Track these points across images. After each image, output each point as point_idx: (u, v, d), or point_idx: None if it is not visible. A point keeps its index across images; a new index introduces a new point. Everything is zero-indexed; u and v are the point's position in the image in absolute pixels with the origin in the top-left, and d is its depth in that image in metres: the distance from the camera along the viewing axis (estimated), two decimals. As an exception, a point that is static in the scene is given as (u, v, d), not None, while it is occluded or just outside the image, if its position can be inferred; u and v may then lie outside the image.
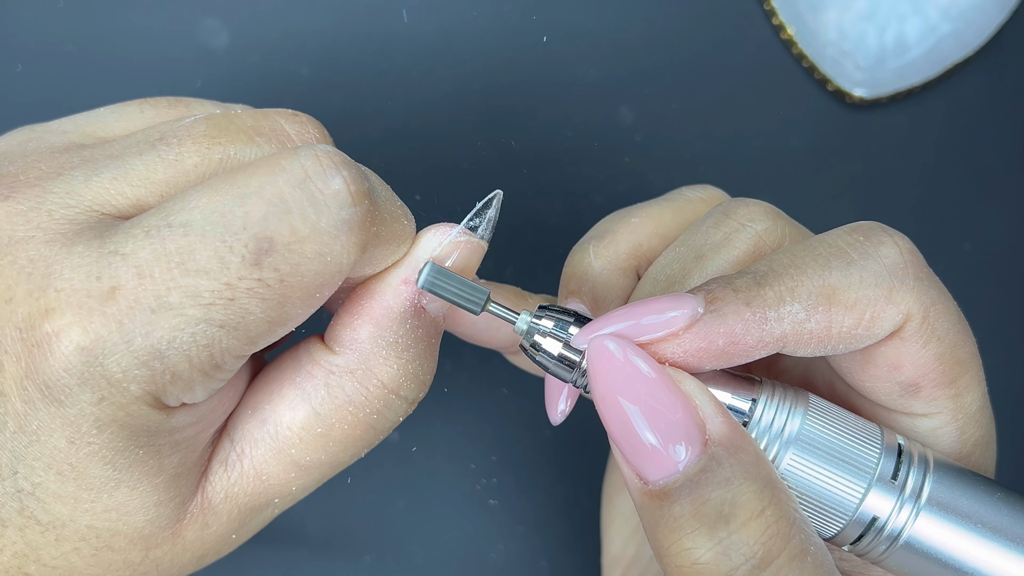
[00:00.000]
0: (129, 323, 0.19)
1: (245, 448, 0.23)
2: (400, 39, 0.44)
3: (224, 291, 0.20)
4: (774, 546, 0.20)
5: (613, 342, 0.22)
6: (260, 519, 0.25)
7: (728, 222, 0.26)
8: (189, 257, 0.20)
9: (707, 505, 0.20)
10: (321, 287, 0.21)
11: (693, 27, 0.46)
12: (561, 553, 0.42)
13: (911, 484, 0.22)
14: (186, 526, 0.23)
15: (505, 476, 0.42)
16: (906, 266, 0.23)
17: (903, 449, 0.23)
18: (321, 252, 0.20)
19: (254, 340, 0.21)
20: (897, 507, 0.22)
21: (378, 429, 0.24)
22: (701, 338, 0.22)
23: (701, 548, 0.20)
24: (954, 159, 0.47)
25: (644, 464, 0.21)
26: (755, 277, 0.22)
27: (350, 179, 0.21)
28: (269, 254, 0.20)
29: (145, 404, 0.20)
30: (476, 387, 0.42)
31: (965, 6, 0.45)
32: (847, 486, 0.22)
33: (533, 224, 0.43)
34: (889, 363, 0.23)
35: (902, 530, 0.22)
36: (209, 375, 0.21)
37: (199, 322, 0.20)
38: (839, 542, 0.23)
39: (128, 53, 0.42)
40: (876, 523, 0.22)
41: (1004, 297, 0.46)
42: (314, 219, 0.20)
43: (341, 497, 0.41)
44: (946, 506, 0.22)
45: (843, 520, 0.22)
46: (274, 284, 0.20)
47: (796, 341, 0.22)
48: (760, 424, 0.23)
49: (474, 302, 0.23)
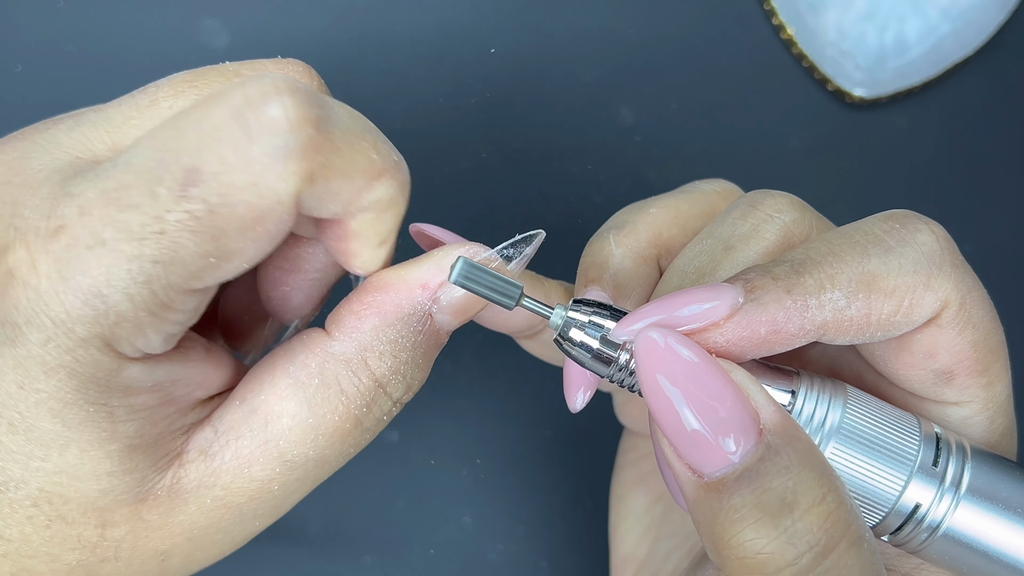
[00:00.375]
0: (67, 260, 0.19)
1: (230, 438, 0.23)
2: (400, 39, 0.44)
3: (154, 224, 0.19)
4: (836, 532, 0.20)
5: (660, 333, 0.21)
6: (237, 528, 0.24)
7: (756, 213, 0.26)
8: (124, 193, 0.19)
9: (768, 494, 0.20)
10: (260, 219, 0.20)
11: (693, 27, 0.46)
12: (561, 553, 0.42)
13: (951, 473, 0.22)
14: (148, 508, 0.22)
15: (505, 476, 0.42)
16: (943, 253, 0.23)
17: (940, 438, 0.23)
18: (253, 181, 0.19)
19: (196, 275, 0.20)
20: (938, 497, 0.22)
21: (364, 426, 0.24)
22: (743, 327, 0.22)
23: (765, 538, 0.20)
24: (954, 159, 0.47)
25: (698, 457, 0.21)
26: (793, 265, 0.22)
27: (291, 104, 0.20)
28: (196, 184, 0.19)
29: (94, 348, 0.20)
30: (476, 387, 0.42)
31: (965, 6, 0.45)
32: (888, 476, 0.22)
33: (533, 224, 0.43)
34: (925, 350, 0.23)
35: (942, 520, 0.22)
36: (157, 315, 0.20)
37: (132, 258, 0.19)
38: (878, 532, 0.23)
39: (128, 53, 0.42)
40: (916, 513, 0.22)
41: (1004, 297, 0.46)
42: (245, 147, 0.19)
43: (341, 497, 0.41)
44: (985, 494, 0.22)
45: (884, 510, 0.22)
46: (203, 216, 0.19)
47: (836, 328, 0.22)
48: (801, 416, 0.22)
49: (508, 296, 0.23)
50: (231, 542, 0.24)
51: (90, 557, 0.22)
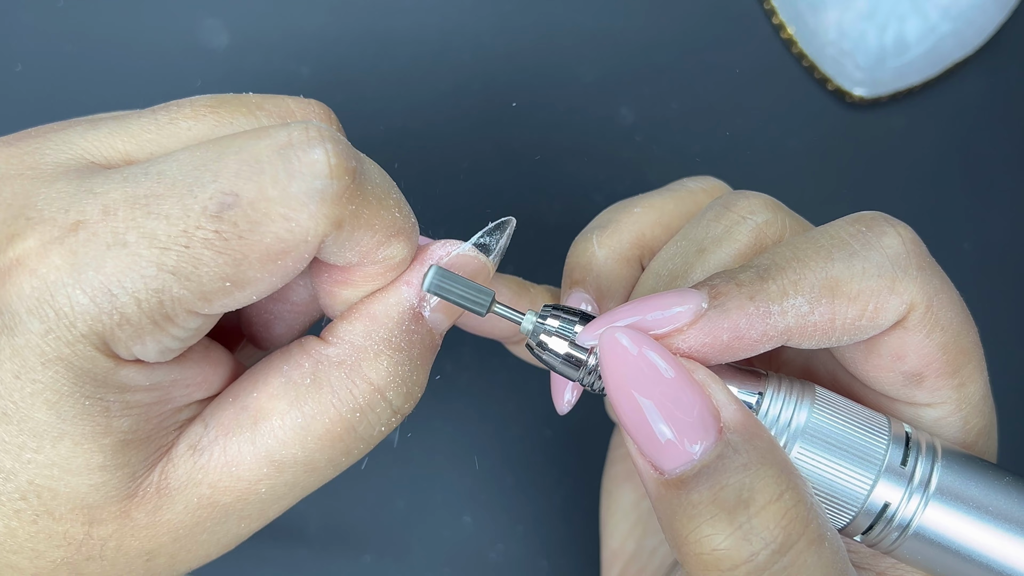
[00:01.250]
0: (83, 255, 0.20)
1: (219, 434, 0.23)
2: (400, 39, 0.44)
3: (180, 237, 0.20)
4: (794, 530, 0.20)
5: (625, 334, 0.22)
6: (223, 529, 0.23)
7: (729, 215, 0.26)
8: (155, 201, 0.20)
9: (725, 491, 0.20)
10: (283, 254, 0.20)
11: (693, 27, 0.46)
12: (561, 553, 0.42)
13: (920, 473, 0.22)
14: (136, 505, 0.22)
15: (505, 476, 0.42)
16: (909, 256, 0.23)
17: (911, 438, 0.23)
18: (286, 216, 0.20)
19: (207, 296, 0.20)
20: (906, 496, 0.22)
21: (359, 433, 0.23)
22: (706, 333, 0.22)
23: (721, 534, 0.20)
24: (954, 159, 0.47)
25: (659, 454, 0.21)
26: (758, 271, 0.22)
27: (332, 152, 0.21)
28: (232, 208, 0.20)
29: (92, 345, 0.20)
30: (476, 387, 0.42)
31: (965, 6, 0.45)
32: (856, 477, 0.22)
33: (533, 224, 0.43)
34: (893, 353, 0.24)
35: (912, 519, 0.22)
36: (160, 327, 0.20)
37: (151, 264, 0.20)
38: (850, 533, 0.23)
39: (128, 53, 0.42)
40: (886, 513, 0.22)
41: (1004, 297, 0.46)
42: (285, 183, 0.20)
43: (341, 497, 0.41)
44: (955, 494, 0.22)
45: (853, 511, 0.22)
46: (231, 238, 0.20)
47: (800, 334, 0.22)
48: (767, 417, 0.23)
49: (479, 303, 0.23)
50: (217, 544, 0.24)
51: (75, 555, 0.22)
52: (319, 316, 0.28)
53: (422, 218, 0.26)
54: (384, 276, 0.24)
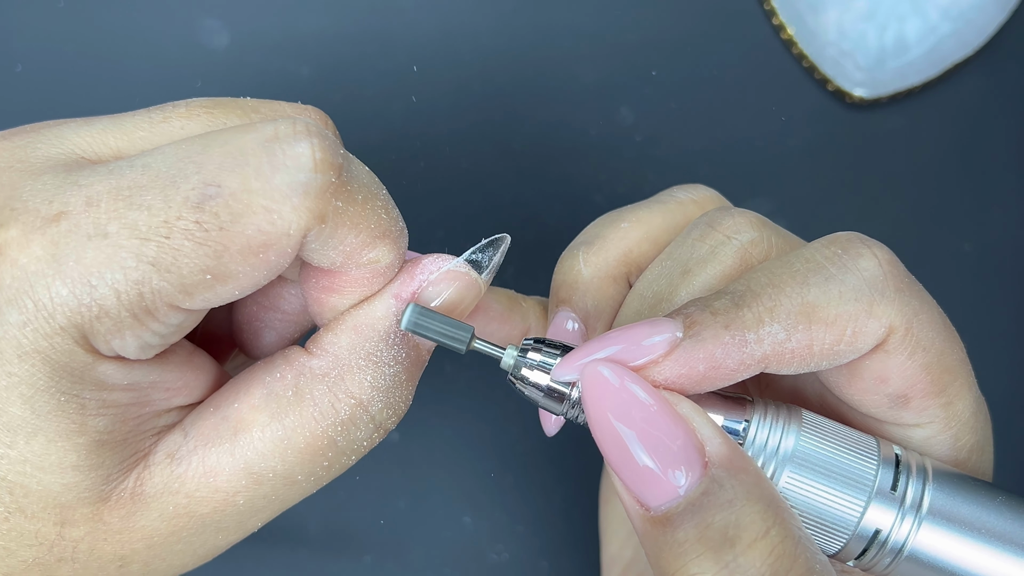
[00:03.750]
0: (64, 245, 0.19)
1: (198, 444, 0.22)
2: (400, 39, 0.44)
3: (161, 228, 0.19)
4: (780, 567, 0.20)
5: (607, 368, 0.21)
6: (199, 540, 0.23)
7: (714, 234, 0.26)
8: (138, 192, 0.20)
9: (711, 528, 0.20)
10: (265, 247, 0.20)
11: (693, 27, 0.46)
12: (561, 553, 0.42)
13: (911, 495, 0.22)
14: (109, 509, 0.21)
15: (505, 476, 0.42)
16: (886, 278, 0.23)
17: (900, 460, 0.23)
18: (269, 208, 0.20)
19: (188, 290, 0.20)
20: (899, 520, 0.22)
21: (340, 448, 0.23)
22: (681, 364, 0.22)
23: (707, 573, 0.20)
24: (954, 159, 0.47)
25: (644, 490, 0.21)
26: (733, 298, 0.22)
27: (318, 147, 0.21)
28: (214, 199, 0.20)
29: (71, 339, 0.20)
30: (476, 387, 0.42)
31: (965, 6, 0.45)
32: (846, 502, 0.22)
33: (533, 224, 0.43)
34: (876, 376, 0.23)
35: (905, 542, 0.22)
36: (140, 321, 0.20)
37: (131, 255, 0.19)
38: (843, 558, 0.23)
39: (128, 53, 0.42)
40: (879, 537, 0.22)
41: (1004, 297, 0.46)
42: (268, 175, 0.20)
43: (341, 497, 0.41)
44: (948, 515, 0.22)
45: (845, 536, 0.22)
46: (212, 230, 0.20)
47: (778, 361, 0.22)
48: (754, 445, 0.22)
49: (459, 340, 0.23)
50: (193, 554, 0.23)
51: (47, 556, 0.21)
52: (310, 326, 0.28)
53: (422, 218, 0.26)
54: (371, 282, 0.23)
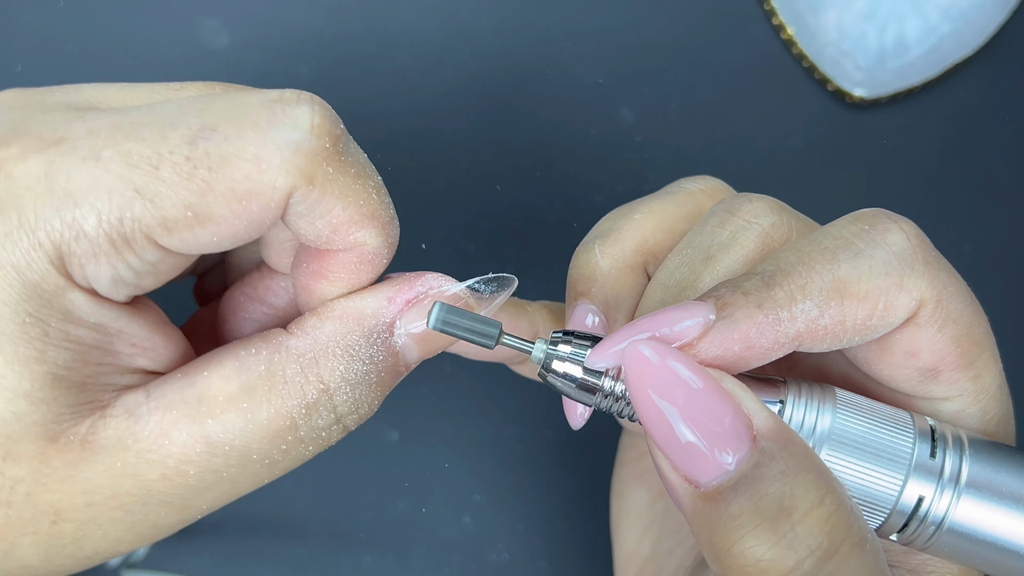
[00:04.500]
0: (58, 165, 0.20)
1: (160, 405, 0.22)
2: (400, 39, 0.44)
3: (152, 157, 0.20)
4: (837, 535, 0.20)
5: (649, 347, 0.21)
6: (141, 511, 0.22)
7: (733, 220, 0.26)
8: (136, 127, 0.21)
9: (766, 500, 0.20)
10: (249, 194, 0.21)
11: (693, 27, 0.46)
12: (561, 553, 0.42)
13: (949, 467, 0.22)
14: (57, 451, 0.21)
15: (505, 476, 0.42)
16: (914, 251, 0.23)
17: (936, 432, 0.23)
18: (259, 157, 0.21)
19: (168, 225, 0.21)
20: (938, 492, 0.22)
21: (300, 434, 0.23)
22: (716, 345, 0.22)
23: (764, 545, 0.20)
24: (954, 159, 0.47)
25: (693, 467, 0.21)
26: (763, 278, 0.22)
27: (318, 113, 0.21)
28: (207, 140, 0.21)
29: (47, 258, 0.20)
30: (476, 387, 0.42)
31: (965, 6, 0.45)
32: (886, 478, 0.22)
33: (533, 224, 0.43)
34: (906, 350, 0.23)
35: (946, 514, 0.22)
36: (116, 249, 0.21)
37: (118, 179, 0.20)
38: (884, 533, 0.23)
39: (128, 53, 0.42)
40: (919, 511, 0.22)
41: (1004, 297, 0.46)
42: (264, 127, 0.21)
43: (341, 497, 0.41)
44: (986, 484, 0.22)
45: (885, 512, 0.22)
46: (200, 167, 0.20)
47: (811, 338, 0.22)
48: (791, 424, 0.22)
49: (487, 336, 0.23)
50: (131, 529, 0.23)
51: None
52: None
53: (422, 218, 0.26)
54: (358, 269, 0.23)
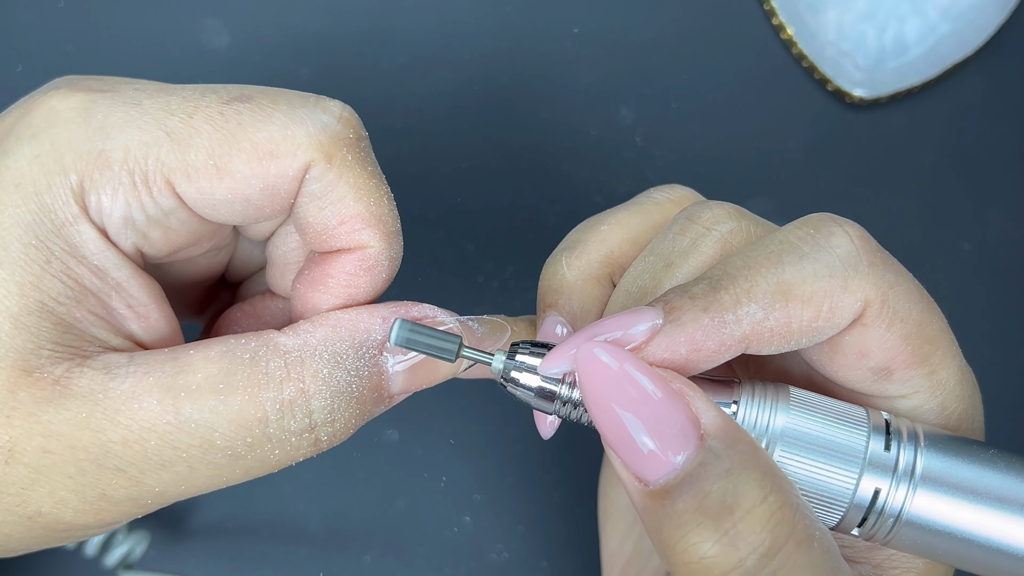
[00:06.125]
0: (100, 103, 0.23)
1: (139, 369, 0.22)
2: (400, 39, 0.44)
3: (188, 108, 0.23)
4: (780, 533, 0.20)
5: (602, 349, 0.22)
6: (94, 472, 0.22)
7: (693, 227, 0.26)
8: (182, 90, 0.23)
9: (709, 498, 0.20)
10: (270, 156, 0.23)
11: (693, 27, 0.46)
12: (561, 553, 0.42)
13: (903, 461, 0.22)
14: (25, 385, 0.21)
15: (505, 476, 0.42)
16: (859, 253, 0.23)
17: (891, 427, 0.23)
18: (285, 124, 0.23)
19: (189, 172, 0.22)
20: (894, 485, 0.22)
21: (269, 430, 0.23)
22: (664, 348, 0.22)
23: (708, 541, 0.20)
24: (954, 159, 0.47)
25: (642, 466, 0.21)
26: (711, 282, 0.23)
27: (347, 108, 0.24)
28: (242, 103, 0.23)
29: (68, 186, 0.22)
30: (476, 387, 0.42)
31: (965, 6, 0.45)
32: (840, 474, 0.22)
33: (533, 224, 0.43)
34: (857, 350, 0.24)
35: (903, 507, 0.22)
36: (136, 187, 0.22)
37: (153, 121, 0.22)
38: (845, 528, 0.23)
39: (128, 53, 0.42)
40: (876, 505, 0.22)
41: (1004, 297, 0.46)
42: (297, 106, 0.23)
43: (341, 497, 0.41)
44: (943, 477, 0.22)
45: (842, 507, 0.23)
46: (230, 122, 0.23)
47: (758, 340, 0.22)
48: (745, 424, 0.23)
49: (447, 351, 0.23)
50: (79, 492, 0.22)
51: None
52: None
53: (422, 218, 0.26)
54: (356, 277, 0.24)
